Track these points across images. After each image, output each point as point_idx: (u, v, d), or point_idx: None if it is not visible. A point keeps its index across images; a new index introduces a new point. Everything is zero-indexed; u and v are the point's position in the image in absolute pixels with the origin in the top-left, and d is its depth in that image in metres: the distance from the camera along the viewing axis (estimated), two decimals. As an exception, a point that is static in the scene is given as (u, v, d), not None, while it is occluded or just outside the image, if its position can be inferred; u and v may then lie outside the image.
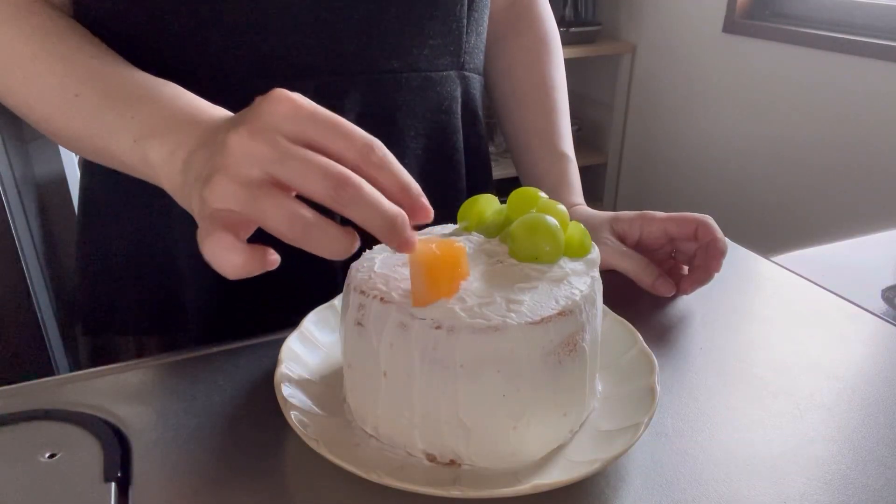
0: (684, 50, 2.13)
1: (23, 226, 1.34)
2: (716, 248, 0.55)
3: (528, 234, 0.41)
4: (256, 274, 0.33)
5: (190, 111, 0.42)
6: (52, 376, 0.48)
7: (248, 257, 0.33)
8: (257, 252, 0.33)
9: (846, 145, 1.72)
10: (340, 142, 0.33)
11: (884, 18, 1.67)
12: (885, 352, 0.52)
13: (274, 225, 0.32)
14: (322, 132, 0.33)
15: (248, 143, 0.33)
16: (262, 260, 0.33)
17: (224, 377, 0.47)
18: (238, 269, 0.33)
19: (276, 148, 0.32)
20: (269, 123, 0.33)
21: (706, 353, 0.51)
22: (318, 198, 0.32)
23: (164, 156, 0.41)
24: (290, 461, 0.40)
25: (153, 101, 0.44)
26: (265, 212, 0.32)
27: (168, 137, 0.41)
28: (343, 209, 0.32)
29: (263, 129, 0.33)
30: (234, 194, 0.32)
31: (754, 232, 1.99)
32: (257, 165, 0.33)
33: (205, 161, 0.36)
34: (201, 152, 0.38)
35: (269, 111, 0.33)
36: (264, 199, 0.32)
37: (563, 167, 0.68)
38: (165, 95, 0.44)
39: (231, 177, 0.33)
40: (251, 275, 0.33)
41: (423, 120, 0.60)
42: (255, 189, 0.32)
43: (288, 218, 0.32)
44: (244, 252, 0.32)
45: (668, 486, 0.38)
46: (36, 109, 0.48)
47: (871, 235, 0.74)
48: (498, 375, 0.36)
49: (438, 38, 0.58)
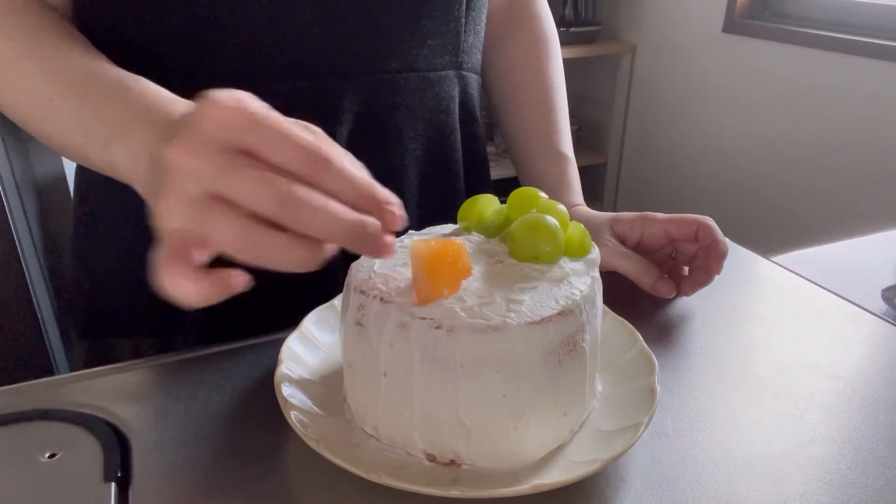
0: (684, 50, 2.13)
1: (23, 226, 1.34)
2: (716, 250, 0.55)
3: (528, 234, 0.41)
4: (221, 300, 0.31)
5: (150, 110, 0.40)
6: (52, 376, 0.48)
7: (204, 286, 0.30)
8: (217, 278, 0.31)
9: (846, 145, 1.72)
10: (285, 151, 0.31)
11: (884, 18, 1.67)
12: (885, 352, 0.52)
13: (224, 243, 0.30)
14: (264, 141, 0.30)
15: (184, 160, 0.30)
16: (224, 285, 0.31)
17: (224, 377, 0.47)
18: (194, 298, 0.30)
19: (212, 163, 0.30)
20: (205, 134, 0.31)
21: (706, 353, 0.51)
22: (266, 214, 0.30)
23: (127, 160, 0.39)
24: (290, 461, 0.40)
25: (119, 102, 0.42)
26: (212, 230, 0.30)
27: (130, 141, 0.39)
28: (295, 225, 0.30)
29: (199, 142, 0.30)
30: (180, 214, 0.30)
31: (754, 232, 1.99)
32: (196, 183, 0.30)
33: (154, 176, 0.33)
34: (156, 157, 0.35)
35: (205, 120, 0.31)
36: (209, 218, 0.30)
37: (563, 167, 0.68)
38: (131, 95, 0.42)
39: (175, 195, 0.31)
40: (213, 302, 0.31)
41: (421, 120, 0.60)
42: (199, 208, 0.30)
43: (235, 235, 0.30)
44: (199, 280, 0.30)
45: (668, 486, 0.38)
46: (17, 113, 0.48)
47: (871, 235, 0.74)
48: (498, 375, 0.36)
49: (437, 38, 0.58)
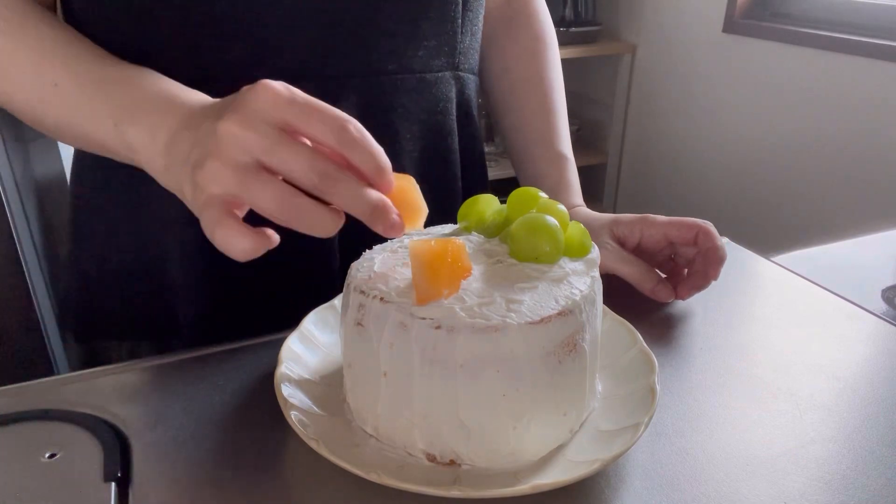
0: (684, 50, 2.13)
1: (23, 226, 1.33)
2: (715, 256, 0.55)
3: (528, 234, 0.41)
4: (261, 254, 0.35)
5: (169, 94, 0.43)
6: (52, 376, 0.48)
7: (256, 240, 0.35)
8: (261, 233, 0.35)
9: (846, 145, 1.72)
10: (318, 125, 0.35)
11: (884, 18, 1.67)
12: (885, 352, 0.52)
13: (265, 206, 0.34)
14: (301, 117, 0.35)
15: (237, 132, 0.35)
16: (267, 240, 0.35)
17: (224, 377, 0.47)
18: (248, 252, 0.35)
19: (264, 137, 0.34)
20: (256, 112, 0.35)
21: (706, 353, 0.51)
22: (304, 186, 0.35)
23: (144, 138, 0.42)
24: (290, 461, 0.40)
25: (131, 85, 0.45)
26: (257, 194, 0.34)
27: (148, 119, 0.42)
28: (327, 197, 0.35)
29: (251, 117, 0.35)
30: (227, 178, 0.34)
31: (754, 232, 1.99)
32: (247, 152, 0.35)
33: (191, 146, 0.37)
34: (185, 135, 0.39)
35: (255, 99, 0.35)
36: (255, 182, 0.34)
37: (562, 168, 0.67)
38: (144, 79, 0.45)
39: (223, 162, 0.35)
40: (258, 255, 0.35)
41: (418, 121, 0.60)
42: (246, 173, 0.34)
43: (278, 200, 0.34)
44: (252, 235, 0.35)
45: (668, 486, 0.38)
46: (15, 100, 0.49)
47: (871, 235, 0.74)
48: (498, 375, 0.36)
49: (433, 40, 0.58)
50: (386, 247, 0.44)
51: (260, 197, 0.34)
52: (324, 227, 0.35)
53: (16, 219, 1.31)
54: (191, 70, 0.52)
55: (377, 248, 0.44)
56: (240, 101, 0.36)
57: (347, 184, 0.35)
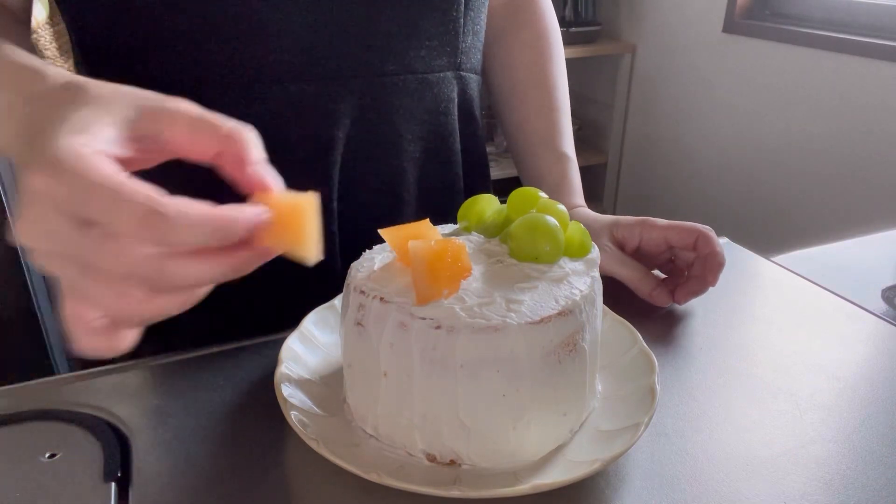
0: (684, 50, 2.13)
1: (23, 226, 1.33)
2: (714, 262, 0.55)
3: (528, 234, 0.41)
4: None
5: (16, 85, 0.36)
6: (52, 376, 0.48)
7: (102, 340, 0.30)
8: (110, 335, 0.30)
9: (846, 145, 1.72)
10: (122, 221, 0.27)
11: (884, 18, 1.67)
12: (885, 352, 0.52)
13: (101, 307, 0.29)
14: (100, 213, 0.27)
15: (34, 242, 0.28)
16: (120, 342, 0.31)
17: (224, 377, 0.47)
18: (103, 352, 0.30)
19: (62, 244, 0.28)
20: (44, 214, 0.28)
21: (706, 353, 0.51)
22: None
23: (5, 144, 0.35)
24: (290, 461, 0.40)
25: None
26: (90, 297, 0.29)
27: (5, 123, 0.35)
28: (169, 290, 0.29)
29: (42, 222, 0.28)
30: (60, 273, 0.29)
31: (754, 232, 1.99)
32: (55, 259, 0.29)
33: None
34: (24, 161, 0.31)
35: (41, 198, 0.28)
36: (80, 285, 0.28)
37: (564, 167, 0.67)
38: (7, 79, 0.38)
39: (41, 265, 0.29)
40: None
41: (420, 122, 0.60)
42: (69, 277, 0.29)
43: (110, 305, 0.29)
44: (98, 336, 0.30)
45: (668, 486, 0.38)
46: None
47: (871, 235, 0.74)
48: (498, 375, 0.36)
49: (435, 40, 0.58)
50: (386, 247, 0.44)
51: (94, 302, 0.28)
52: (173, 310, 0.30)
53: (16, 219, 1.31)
54: (191, 70, 0.52)
55: (377, 248, 0.44)
56: (22, 197, 0.28)
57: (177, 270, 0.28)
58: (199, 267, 0.28)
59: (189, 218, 0.27)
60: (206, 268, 0.29)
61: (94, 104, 0.30)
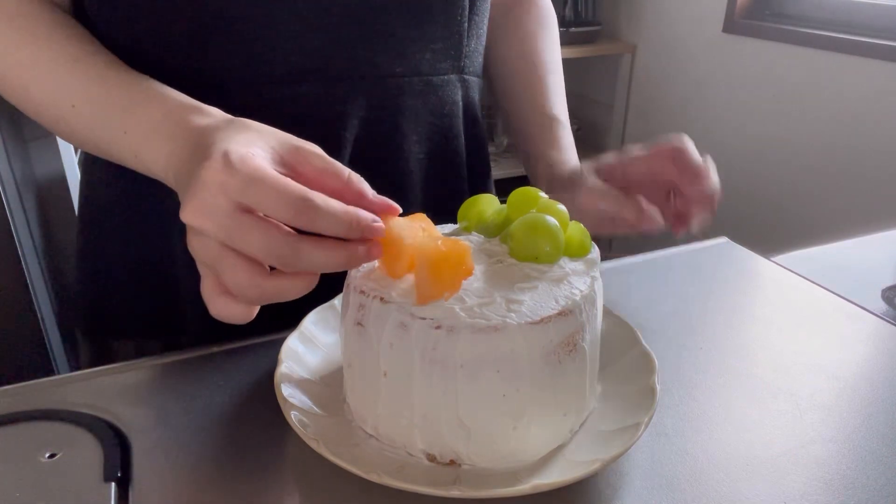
0: (684, 50, 2.13)
1: (23, 226, 1.33)
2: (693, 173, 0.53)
3: (528, 234, 0.41)
4: None
5: (181, 118, 0.43)
6: (52, 376, 0.48)
7: (245, 311, 0.37)
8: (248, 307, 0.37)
9: (846, 145, 1.72)
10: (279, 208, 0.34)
11: (884, 18, 1.67)
12: (885, 352, 0.52)
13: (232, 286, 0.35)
14: (260, 200, 0.34)
15: (196, 222, 0.35)
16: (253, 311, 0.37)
17: (224, 377, 0.47)
18: (238, 319, 0.37)
19: (220, 226, 0.34)
20: (209, 201, 0.34)
21: (706, 353, 0.51)
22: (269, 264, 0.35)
23: (160, 167, 0.43)
24: (290, 461, 0.40)
25: (143, 110, 0.45)
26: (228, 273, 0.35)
27: (161, 148, 0.43)
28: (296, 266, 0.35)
29: (205, 208, 0.34)
30: (205, 256, 0.35)
31: (754, 232, 1.99)
32: (211, 239, 0.35)
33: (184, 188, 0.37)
34: (188, 168, 0.38)
35: (208, 187, 0.34)
36: (224, 263, 0.35)
37: (554, 129, 0.66)
38: (153, 100, 0.45)
39: (195, 246, 0.36)
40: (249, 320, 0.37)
41: (425, 124, 0.60)
42: (217, 256, 0.35)
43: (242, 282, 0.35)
44: (241, 309, 0.37)
45: (668, 486, 0.38)
46: (42, 115, 0.50)
47: (871, 235, 0.74)
48: (498, 375, 0.36)
49: (439, 42, 0.58)
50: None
51: (229, 278, 0.35)
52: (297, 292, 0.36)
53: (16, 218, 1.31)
54: (198, 72, 0.52)
55: (377, 248, 0.44)
56: (195, 186, 0.35)
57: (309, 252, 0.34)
58: (323, 252, 0.35)
59: (332, 208, 0.34)
60: (329, 254, 0.35)
61: (253, 132, 0.38)
